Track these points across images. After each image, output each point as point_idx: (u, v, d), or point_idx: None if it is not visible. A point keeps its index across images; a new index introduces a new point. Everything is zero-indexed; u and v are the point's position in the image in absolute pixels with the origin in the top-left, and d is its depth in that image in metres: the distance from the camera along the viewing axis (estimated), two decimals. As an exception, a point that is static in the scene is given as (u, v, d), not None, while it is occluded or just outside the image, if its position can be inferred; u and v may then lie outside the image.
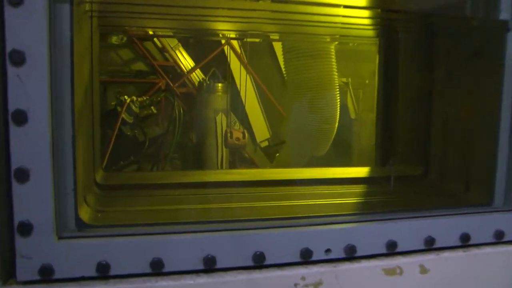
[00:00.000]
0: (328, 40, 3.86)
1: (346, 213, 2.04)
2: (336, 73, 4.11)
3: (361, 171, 3.02)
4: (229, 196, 2.40)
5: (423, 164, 2.74)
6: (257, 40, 5.00)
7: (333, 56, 4.05)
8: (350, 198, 2.36)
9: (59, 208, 1.72)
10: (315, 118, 4.07)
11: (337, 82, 4.14)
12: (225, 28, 3.66)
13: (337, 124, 4.22)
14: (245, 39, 4.74)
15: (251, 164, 7.51)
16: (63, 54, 1.70)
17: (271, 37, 4.18)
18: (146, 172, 5.02)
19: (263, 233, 1.80)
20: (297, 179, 2.74)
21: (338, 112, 4.19)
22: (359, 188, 2.64)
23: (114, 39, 7.47)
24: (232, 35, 4.31)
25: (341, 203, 2.24)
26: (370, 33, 3.27)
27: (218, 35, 4.29)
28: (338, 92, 4.16)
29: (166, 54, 7.45)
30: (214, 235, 1.77)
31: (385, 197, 2.44)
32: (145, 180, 2.75)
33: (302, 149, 4.39)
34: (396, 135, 3.02)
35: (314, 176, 2.80)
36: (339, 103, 4.19)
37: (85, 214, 1.89)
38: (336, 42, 3.95)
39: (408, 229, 1.98)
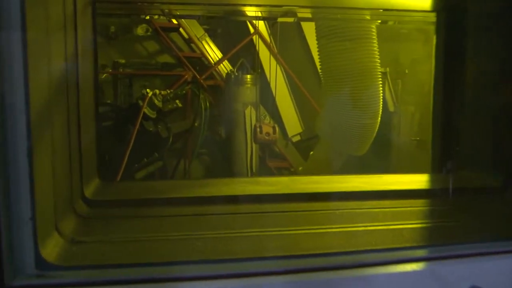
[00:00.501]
0: (368, 17, 3.23)
1: (411, 245, 1.44)
2: (379, 59, 3.48)
3: (419, 181, 2.39)
4: (254, 218, 1.83)
5: (502, 172, 2.09)
6: (290, 19, 4.38)
7: (374, 39, 3.43)
8: (409, 220, 1.75)
9: (8, 244, 1.21)
10: (355, 112, 3.47)
11: (379, 69, 3.52)
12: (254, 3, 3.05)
13: (379, 118, 3.60)
14: (277, 19, 4.13)
15: (282, 160, 6.99)
16: (10, 30, 1.18)
17: (301, 15, 3.56)
18: (156, 181, 4.47)
19: (300, 281, 1.24)
20: (339, 191, 2.16)
21: (381, 105, 3.58)
22: (414, 205, 2.01)
23: (139, 30, 7.04)
24: (262, 13, 3.72)
25: (401, 228, 1.65)
26: (425, 5, 2.59)
27: (244, 13, 3.72)
28: (380, 81, 3.54)
29: (193, 46, 6.96)
30: (227, 284, 1.22)
31: (452, 219, 1.82)
32: (152, 192, 2.20)
33: (339, 148, 3.79)
34: (461, 133, 2.38)
35: (359, 186, 2.21)
36: (381, 94, 3.57)
37: (52, 249, 1.36)
38: (379, 21, 3.32)
39: (497, 270, 1.38)
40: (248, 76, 6.09)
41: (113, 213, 1.87)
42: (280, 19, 4.43)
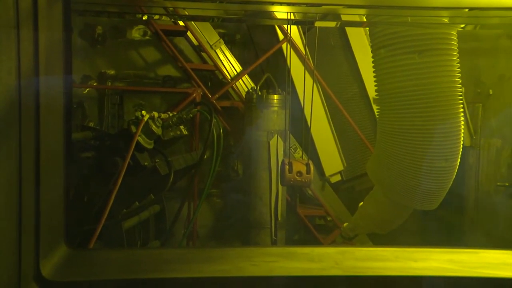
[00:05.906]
0: (447, 20, 2.98)
1: None
2: (460, 78, 3.22)
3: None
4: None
5: None
6: (332, 24, 4.16)
7: (455, 50, 3.18)
8: None
9: None
10: (426, 151, 3.19)
11: (460, 92, 3.26)
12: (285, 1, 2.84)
13: (459, 160, 3.31)
14: (315, 23, 3.94)
15: (317, 206, 6.75)
16: None
17: (346, 18, 3.34)
18: (143, 250, 4.12)
19: None
20: (415, 276, 1.83)
21: (461, 142, 3.29)
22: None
23: (135, 33, 6.92)
24: (295, 15, 3.52)
25: None
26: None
27: (272, 15, 3.52)
28: (462, 108, 3.27)
29: (204, 55, 6.80)
30: None
31: None
32: (138, 268, 1.89)
33: (402, 200, 3.48)
34: None
35: (443, 268, 1.87)
36: (463, 128, 3.29)
37: None
38: (462, 25, 3.06)
39: None
40: (275, 96, 5.92)
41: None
42: (318, 23, 4.23)
